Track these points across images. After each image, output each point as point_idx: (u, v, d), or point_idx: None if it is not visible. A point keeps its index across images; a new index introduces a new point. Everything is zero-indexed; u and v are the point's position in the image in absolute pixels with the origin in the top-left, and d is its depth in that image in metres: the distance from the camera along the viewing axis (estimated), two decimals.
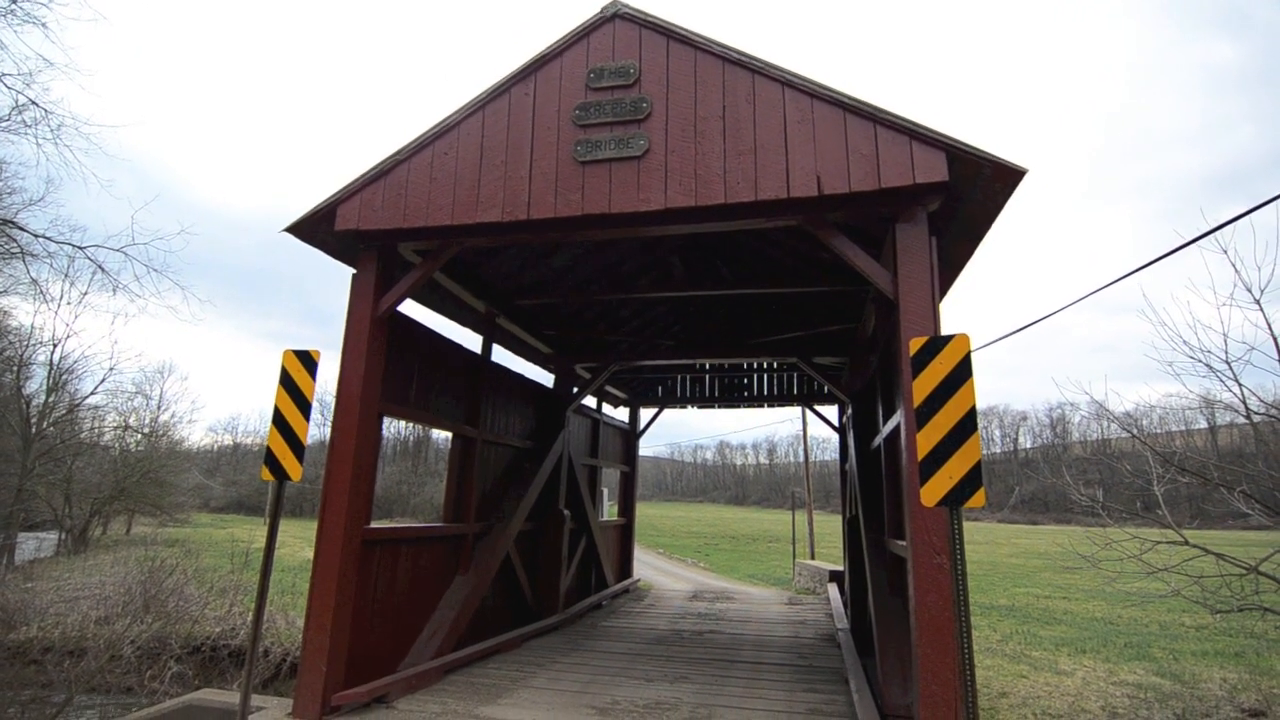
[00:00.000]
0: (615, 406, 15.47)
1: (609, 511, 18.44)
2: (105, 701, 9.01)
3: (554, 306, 10.25)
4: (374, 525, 6.27)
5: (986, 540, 37.04)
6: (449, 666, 6.77)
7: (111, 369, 24.34)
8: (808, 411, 21.12)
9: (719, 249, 9.25)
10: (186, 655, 9.98)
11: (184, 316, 31.11)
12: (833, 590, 13.61)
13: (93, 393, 24.33)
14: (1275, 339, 6.36)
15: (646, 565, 23.61)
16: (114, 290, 12.43)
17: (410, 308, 7.51)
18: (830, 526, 38.52)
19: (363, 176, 5.98)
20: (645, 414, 16.26)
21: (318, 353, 4.86)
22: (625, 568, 14.92)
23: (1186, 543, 6.79)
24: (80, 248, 11.97)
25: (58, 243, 12.01)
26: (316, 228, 6.12)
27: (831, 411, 14.86)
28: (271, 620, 10.73)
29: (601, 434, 13.48)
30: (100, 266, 12.08)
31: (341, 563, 5.53)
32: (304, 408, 4.73)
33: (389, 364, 6.33)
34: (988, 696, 7.33)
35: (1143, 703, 7.08)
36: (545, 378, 11.59)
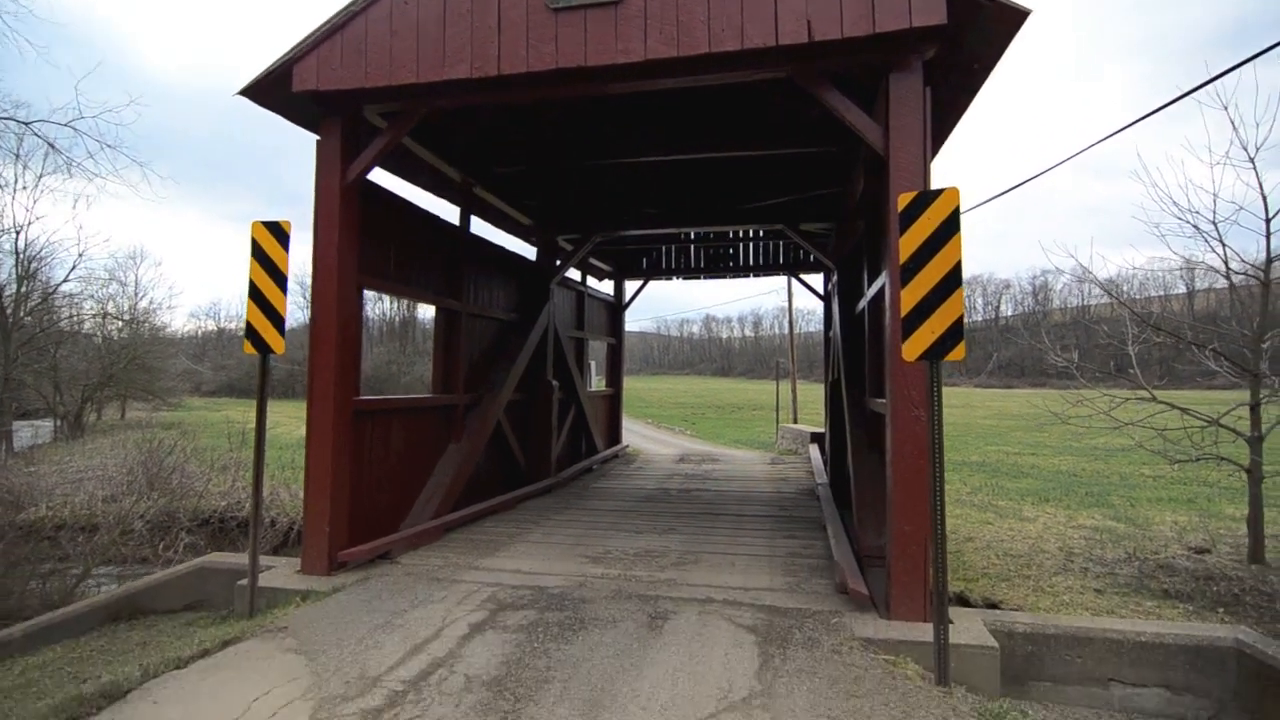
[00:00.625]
0: (600, 279, 15.37)
1: (596, 384, 18.81)
2: (123, 571, 9.46)
3: (533, 175, 9.88)
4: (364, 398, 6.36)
5: (963, 404, 38.44)
6: (448, 525, 7.12)
7: (81, 254, 23.73)
8: (793, 281, 21.14)
9: (704, 108, 8.80)
10: (196, 528, 10.36)
11: (146, 195, 30.01)
12: (813, 450, 14.24)
13: (65, 280, 23.77)
14: (1264, 197, 6.33)
15: (635, 434, 24.44)
16: (69, 169, 11.86)
17: (383, 179, 7.22)
18: (813, 395, 39.69)
19: (318, 31, 5.52)
20: (630, 287, 16.22)
21: (288, 223, 4.70)
22: (614, 435, 15.45)
23: (1154, 398, 7.06)
24: (26, 123, 11.27)
25: (1, 119, 11.26)
26: (273, 91, 5.72)
27: (817, 280, 14.87)
28: (275, 494, 11.09)
29: (587, 307, 13.48)
30: (50, 144, 11.45)
31: (335, 429, 5.63)
32: (279, 280, 4.64)
33: (364, 236, 6.15)
34: (955, 541, 7.84)
35: (1097, 543, 7.60)
36: (527, 251, 11.40)
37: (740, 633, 4.37)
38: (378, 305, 62.20)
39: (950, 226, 3.65)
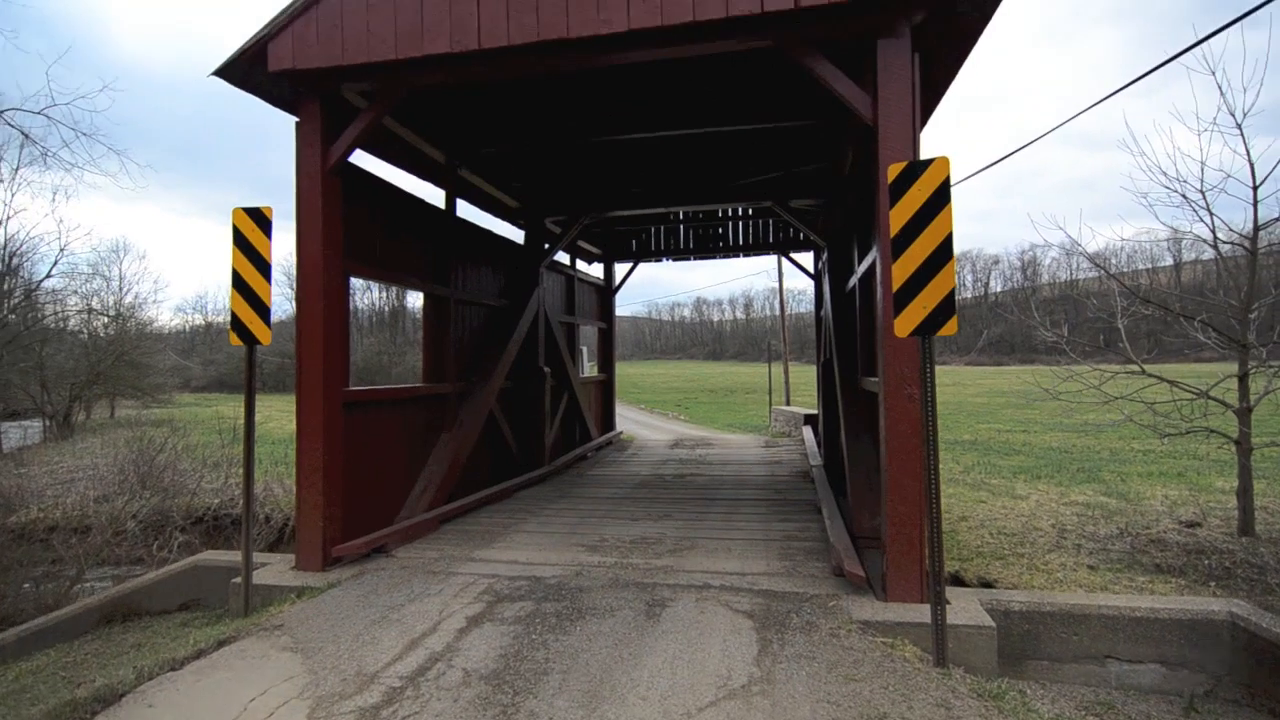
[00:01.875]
0: (589, 263, 15.27)
1: (588, 370, 18.75)
2: (117, 573, 9.35)
3: (519, 155, 9.73)
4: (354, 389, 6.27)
5: (953, 383, 38.59)
6: (443, 517, 7.07)
7: (63, 249, 23.38)
8: (784, 260, 21.08)
9: (691, 83, 8.66)
10: (190, 526, 10.25)
11: (125, 184, 29.50)
12: (807, 432, 14.24)
13: (48, 276, 23.36)
14: (1251, 164, 6.30)
15: (628, 420, 24.46)
16: (45, 159, 11.56)
17: (366, 162, 7.09)
18: (805, 376, 39.73)
19: (293, 6, 5.36)
20: (620, 270, 16.11)
21: (269, 209, 4.59)
22: (608, 422, 15.40)
23: (1144, 371, 7.06)
24: None
25: None
26: (249, 71, 5.56)
27: (808, 259, 14.82)
28: (268, 489, 11.00)
29: (577, 291, 13.39)
30: (25, 134, 11.17)
31: (326, 422, 5.54)
32: (263, 268, 4.53)
33: (348, 222, 6.02)
34: (948, 520, 7.84)
35: (1089, 519, 7.60)
36: (515, 234, 11.28)
37: (738, 618, 4.35)
38: (366, 295, 61.81)
39: (941, 197, 3.59)
